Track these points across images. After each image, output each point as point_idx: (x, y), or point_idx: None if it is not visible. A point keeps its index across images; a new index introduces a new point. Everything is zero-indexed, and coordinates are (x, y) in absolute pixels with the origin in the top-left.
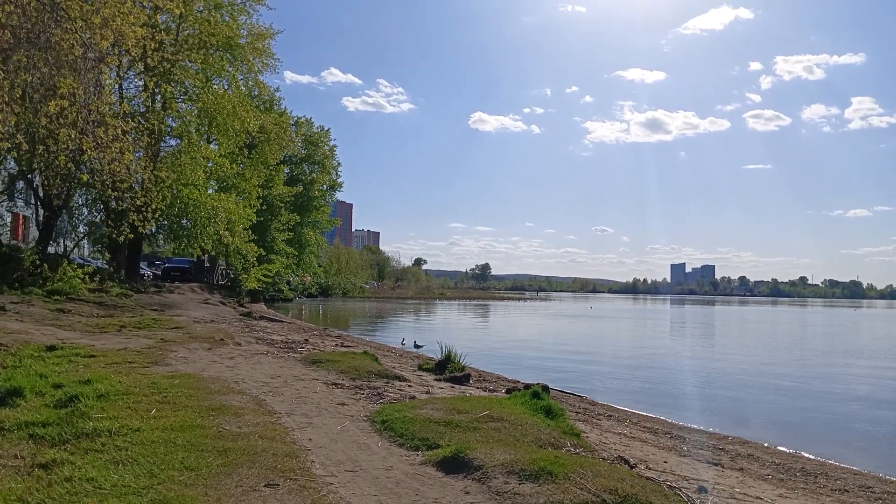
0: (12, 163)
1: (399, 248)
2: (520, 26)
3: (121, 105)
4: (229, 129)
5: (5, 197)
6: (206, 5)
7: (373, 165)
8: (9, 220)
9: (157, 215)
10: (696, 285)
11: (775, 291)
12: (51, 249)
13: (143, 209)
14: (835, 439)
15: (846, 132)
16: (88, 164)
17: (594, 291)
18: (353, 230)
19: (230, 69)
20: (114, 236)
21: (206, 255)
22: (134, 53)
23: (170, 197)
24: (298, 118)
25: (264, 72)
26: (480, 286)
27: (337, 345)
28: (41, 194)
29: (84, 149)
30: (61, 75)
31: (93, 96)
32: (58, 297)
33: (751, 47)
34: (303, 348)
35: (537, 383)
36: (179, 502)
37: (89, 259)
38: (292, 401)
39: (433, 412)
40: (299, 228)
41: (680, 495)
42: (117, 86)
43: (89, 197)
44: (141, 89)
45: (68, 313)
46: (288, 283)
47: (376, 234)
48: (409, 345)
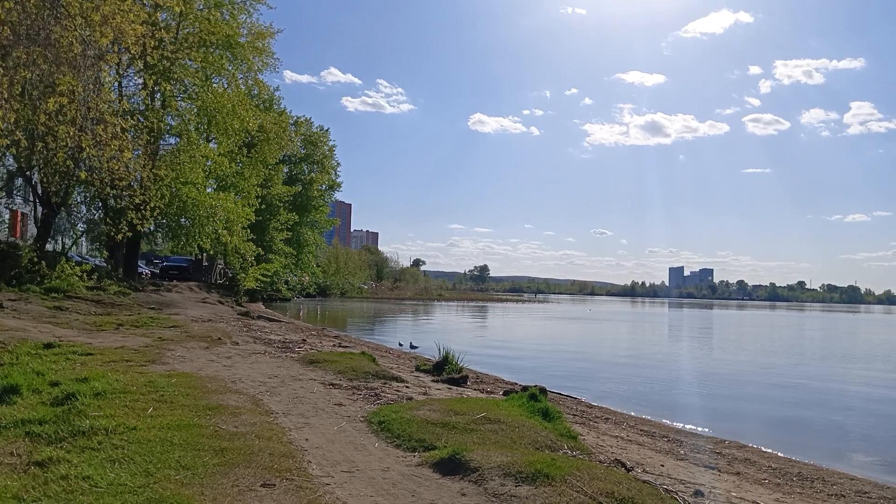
0: (11, 159)
1: (398, 248)
2: (520, 28)
3: (120, 103)
4: (229, 128)
5: (4, 194)
6: (206, 4)
7: (372, 166)
8: (7, 217)
9: (155, 214)
10: (695, 289)
11: (773, 296)
12: (49, 247)
13: (141, 207)
14: (832, 444)
15: (845, 137)
16: (87, 162)
17: (592, 294)
18: (352, 230)
19: (230, 68)
20: (112, 234)
21: (205, 254)
22: (133, 51)
23: (168, 195)
24: (298, 118)
25: (264, 71)
26: (479, 287)
27: (335, 345)
28: (40, 191)
29: (83, 146)
30: (61, 72)
31: (92, 94)
32: (55, 295)
33: (750, 51)
34: (300, 348)
35: (535, 385)
36: (176, 501)
37: (87, 257)
38: (289, 401)
39: (430, 413)
40: (298, 228)
41: (676, 499)
42: (117, 83)
43: (88, 194)
44: (140, 87)
45: (66, 311)
46: (286, 282)
47: (375, 235)
48: (406, 346)
